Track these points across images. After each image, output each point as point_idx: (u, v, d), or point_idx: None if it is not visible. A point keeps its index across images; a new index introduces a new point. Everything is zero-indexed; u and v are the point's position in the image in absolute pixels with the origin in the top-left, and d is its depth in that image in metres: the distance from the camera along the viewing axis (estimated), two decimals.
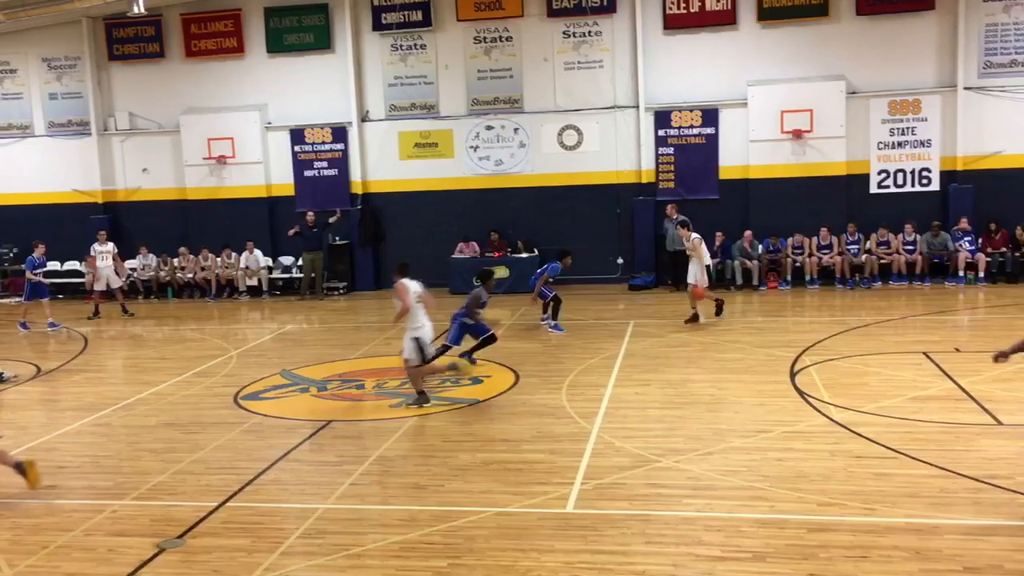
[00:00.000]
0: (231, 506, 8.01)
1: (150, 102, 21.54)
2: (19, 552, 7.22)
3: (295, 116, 20.91)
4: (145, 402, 11.87)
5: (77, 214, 21.45)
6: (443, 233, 20.24)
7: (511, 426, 10.16)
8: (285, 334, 16.70)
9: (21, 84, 21.96)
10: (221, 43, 20.99)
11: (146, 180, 21.67)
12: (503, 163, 20.37)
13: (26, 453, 9.86)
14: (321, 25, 20.54)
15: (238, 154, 20.88)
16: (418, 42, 20.35)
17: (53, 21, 20.42)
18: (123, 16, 19.55)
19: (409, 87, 20.57)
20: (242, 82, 21.03)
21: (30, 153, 21.96)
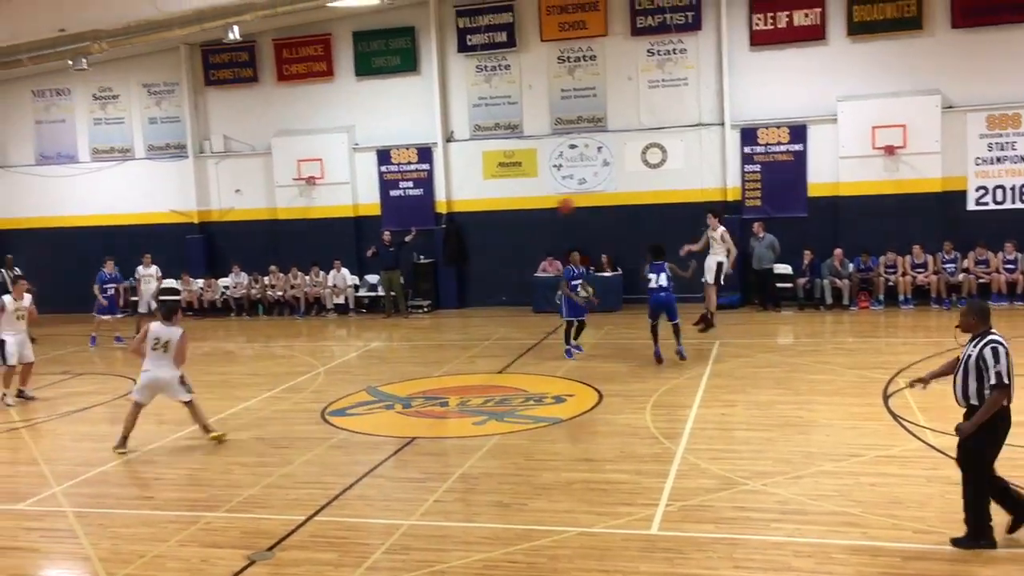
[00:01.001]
0: (318, 520, 8.15)
1: (243, 125, 22.23)
2: (117, 561, 7.47)
3: (382, 137, 21.30)
4: (237, 417, 12.17)
5: (174, 234, 22.22)
6: (526, 252, 20.30)
7: (594, 446, 10.10)
8: (371, 351, 16.95)
9: (123, 109, 22.90)
10: (311, 67, 21.55)
11: (239, 200, 22.32)
12: (586, 182, 20.36)
13: (124, 465, 10.23)
14: (408, 48, 20.92)
15: (326, 175, 21.36)
16: (502, 63, 20.54)
17: (153, 49, 21.26)
18: (219, 43, 20.25)
19: (493, 107, 20.76)
20: (331, 104, 21.54)
21: (131, 175, 22.86)
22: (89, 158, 23.14)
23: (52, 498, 9.20)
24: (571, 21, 19.98)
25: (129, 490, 9.36)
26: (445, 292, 21.21)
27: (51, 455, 10.58)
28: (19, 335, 13.54)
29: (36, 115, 23.34)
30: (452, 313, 20.63)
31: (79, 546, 7.90)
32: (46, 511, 8.87)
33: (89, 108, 23.01)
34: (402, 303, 20.52)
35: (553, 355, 15.19)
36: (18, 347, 13.50)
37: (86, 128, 23.11)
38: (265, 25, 19.49)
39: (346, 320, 20.68)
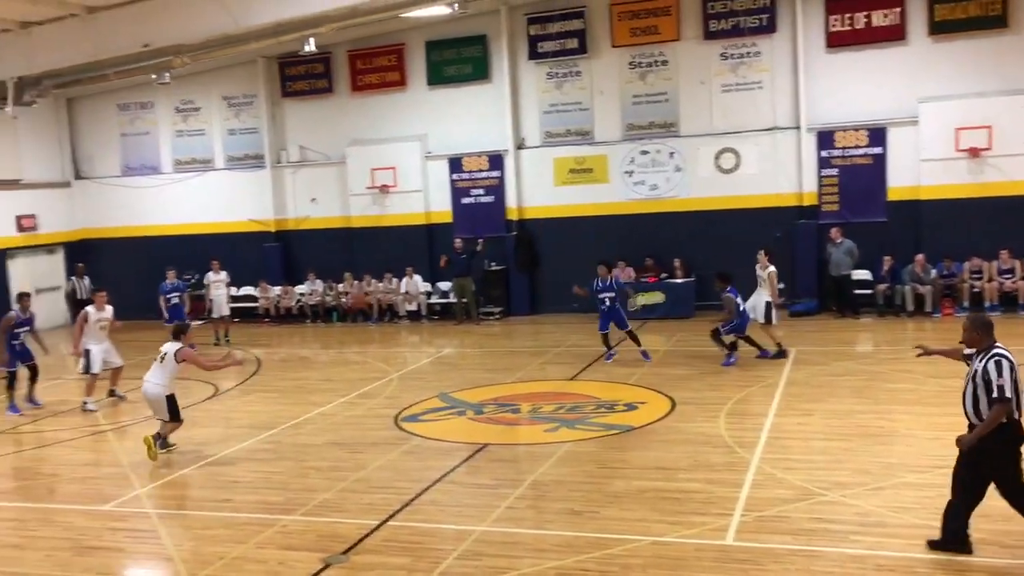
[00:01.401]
0: (392, 525, 8.23)
1: (318, 135, 22.63)
2: (198, 562, 7.65)
3: (453, 145, 21.46)
4: (312, 422, 12.37)
5: (252, 242, 22.73)
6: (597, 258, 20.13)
7: (667, 454, 10.00)
8: (443, 358, 17.07)
9: (204, 121, 23.53)
10: (384, 77, 21.84)
11: (314, 209, 22.71)
12: (658, 187, 20.19)
13: (204, 468, 10.48)
14: (479, 56, 21.05)
15: (399, 183, 21.61)
16: (573, 69, 20.52)
17: (232, 62, 21.79)
18: (295, 55, 20.67)
19: (564, 114, 20.75)
20: (404, 113, 21.79)
21: (210, 185, 23.46)
22: (171, 169, 23.83)
23: (136, 499, 9.48)
24: (643, 26, 19.86)
25: (209, 492, 9.58)
26: (516, 299, 21.24)
27: (135, 458, 10.90)
28: (102, 344, 14.05)
29: (121, 128, 24.13)
30: (523, 320, 20.66)
31: (162, 547, 8.12)
32: (130, 512, 9.14)
33: (172, 120, 23.70)
34: (474, 310, 20.63)
35: (625, 362, 15.09)
36: (103, 356, 13.98)
37: (169, 140, 23.80)
38: (340, 37, 19.81)
39: (418, 327, 20.87)
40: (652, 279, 19.78)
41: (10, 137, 22.10)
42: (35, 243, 23.12)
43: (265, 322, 22.01)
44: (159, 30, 16.98)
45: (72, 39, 17.26)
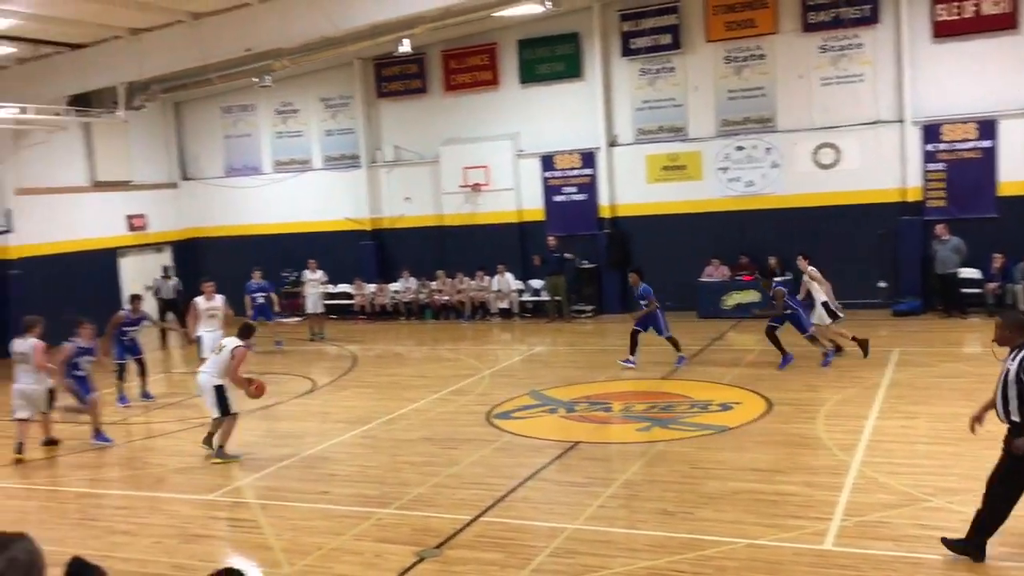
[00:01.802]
0: (484, 520, 8.29)
1: (412, 135, 22.95)
2: (297, 552, 7.86)
3: (546, 143, 21.47)
4: (406, 417, 12.56)
5: (348, 240, 23.19)
6: (690, 256, 19.96)
7: (763, 455, 9.81)
8: (534, 355, 17.10)
9: (302, 123, 24.12)
10: (477, 76, 22.00)
11: (408, 208, 23.04)
12: (754, 184, 19.80)
13: (302, 461, 10.74)
14: (571, 54, 21.01)
15: (492, 181, 21.74)
16: (667, 65, 20.29)
17: (329, 64, 22.26)
18: (391, 56, 21.01)
19: (657, 110, 20.54)
20: (496, 112, 21.91)
21: (308, 185, 24.03)
22: (271, 169, 24.50)
23: (238, 490, 9.79)
24: (739, 20, 19.50)
25: (307, 484, 9.82)
26: (608, 297, 21.14)
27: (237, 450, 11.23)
28: (214, 332, 14.72)
29: (225, 130, 24.92)
30: (615, 318, 20.52)
31: (262, 536, 8.36)
32: (233, 502, 9.44)
33: (272, 122, 24.36)
34: (566, 308, 20.61)
35: (719, 361, 14.87)
36: (213, 343, 14.48)
37: (269, 141, 24.48)
38: (433, 37, 20.05)
39: (510, 324, 20.96)
40: (747, 277, 19.41)
41: (121, 140, 23.06)
42: (144, 242, 24.07)
43: (360, 319, 22.43)
44: (261, 34, 17.45)
45: (179, 45, 17.90)
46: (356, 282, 22.85)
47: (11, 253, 20.29)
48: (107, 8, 16.14)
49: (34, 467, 11.42)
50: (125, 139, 23.14)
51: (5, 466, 11.40)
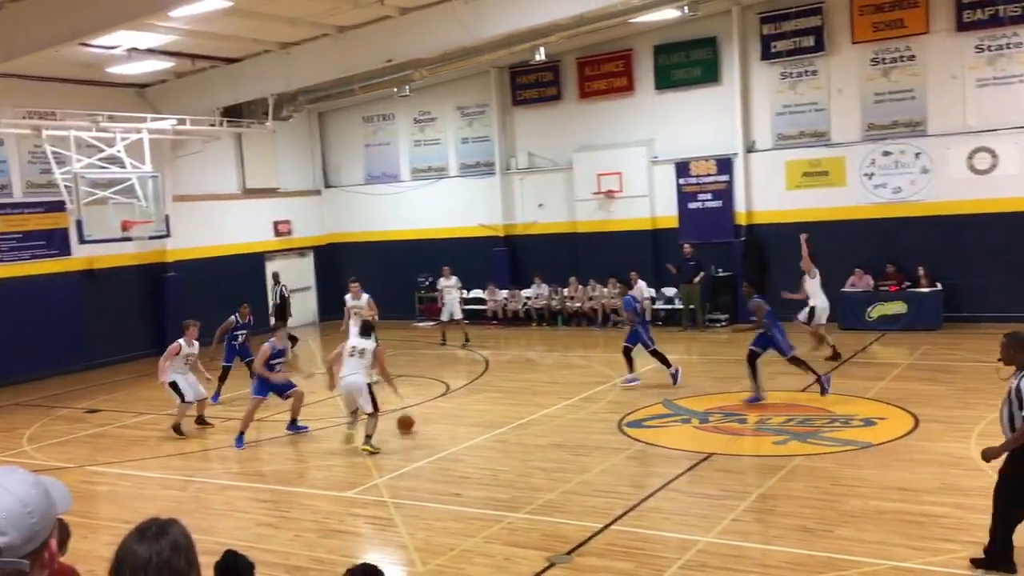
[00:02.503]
0: (615, 529, 8.23)
1: (546, 142, 23.07)
2: (430, 551, 8.00)
3: (680, 149, 21.18)
4: (537, 423, 12.60)
5: (481, 246, 23.51)
6: (832, 265, 19.23)
7: (909, 474, 9.35)
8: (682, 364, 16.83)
9: (439, 131, 24.62)
10: (612, 83, 21.92)
11: (541, 214, 23.16)
12: (902, 190, 18.94)
13: (436, 463, 10.94)
14: (709, 59, 20.66)
15: (625, 188, 21.60)
16: (809, 68, 19.68)
17: (466, 73, 22.65)
18: (526, 64, 21.19)
19: (798, 115, 19.94)
20: (631, 119, 21.76)
21: (444, 192, 24.50)
22: (409, 177, 25.10)
23: (374, 488, 10.05)
24: (887, 20, 18.71)
25: (440, 486, 9.99)
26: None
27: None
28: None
29: (365, 139, 25.70)
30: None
31: (397, 534, 8.56)
32: (370, 500, 9.70)
33: (410, 131, 24.96)
34: (700, 316, 20.25)
35: (863, 374, 14.28)
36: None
37: (407, 149, 25.09)
38: (569, 45, 20.10)
39: None
40: (893, 288, 18.57)
41: (269, 149, 24.14)
42: (289, 247, 25.09)
43: (492, 324, 22.67)
44: (401, 46, 17.92)
45: (325, 57, 18.59)
46: (489, 288, 23.12)
47: (168, 256, 21.54)
48: (259, 24, 16.93)
49: (187, 459, 12.06)
50: (273, 148, 24.20)
51: (161, 457, 12.09)
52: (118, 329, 20.36)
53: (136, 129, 17.97)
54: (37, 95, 17.93)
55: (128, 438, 13.32)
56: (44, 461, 11.93)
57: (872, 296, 18.69)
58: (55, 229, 19.36)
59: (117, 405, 15.74)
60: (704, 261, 20.25)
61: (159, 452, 12.36)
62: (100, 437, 13.51)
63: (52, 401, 16.45)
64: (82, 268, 19.89)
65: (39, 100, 17.79)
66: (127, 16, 13.26)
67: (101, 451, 12.59)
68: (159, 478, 11.13)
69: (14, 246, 18.87)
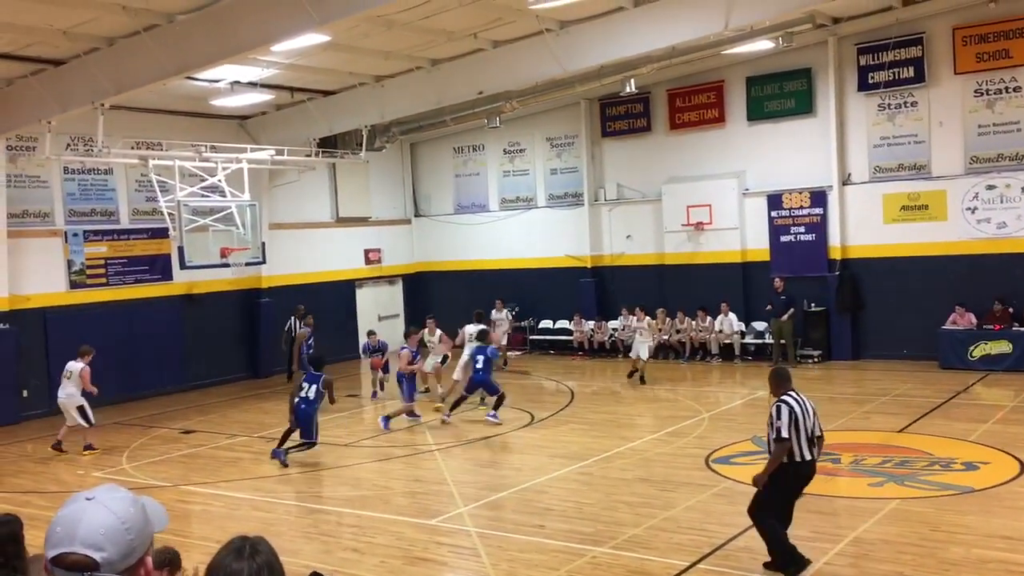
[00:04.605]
0: (701, 568, 8.05)
1: (635, 173, 22.97)
2: None
3: (773, 181, 20.83)
4: (622, 456, 12.45)
5: (569, 277, 23.48)
6: (931, 302, 18.61)
7: (1015, 522, 8.91)
8: (756, 400, 16.47)
9: (528, 162, 24.78)
10: (703, 114, 21.75)
11: (629, 246, 23.04)
12: (1007, 226, 18.21)
13: (520, 493, 10.90)
14: (803, 90, 20.33)
15: (715, 220, 21.33)
16: (908, 99, 19.17)
17: (556, 104, 22.78)
18: (616, 95, 21.20)
19: (896, 147, 19.42)
20: (722, 150, 21.52)
21: (532, 223, 24.60)
22: (498, 207, 25.30)
23: (459, 517, 10.06)
24: (991, 51, 18.13)
25: (524, 517, 9.94)
26: (838, 342, 20.07)
27: (459, 477, 11.58)
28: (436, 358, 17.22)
29: (455, 169, 26.05)
30: (845, 365, 19.45)
31: (480, 564, 8.53)
32: (454, 528, 9.71)
33: (499, 161, 25.20)
34: (792, 351, 19.78)
35: (965, 416, 13.71)
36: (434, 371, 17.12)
37: (496, 179, 25.31)
38: (659, 76, 20.04)
39: (731, 366, 20.36)
40: (998, 327, 17.82)
41: (362, 179, 24.67)
42: (379, 275, 25.53)
43: (579, 355, 22.57)
44: (492, 78, 18.15)
45: (418, 89, 18.95)
46: (575, 318, 23.05)
47: (263, 283, 22.14)
48: (355, 57, 17.38)
49: (277, 482, 12.29)
50: (365, 178, 24.73)
51: (253, 479, 12.35)
52: (214, 352, 20.99)
53: (236, 159, 18.59)
54: (144, 126, 18.78)
55: (221, 459, 13.66)
56: (141, 479, 12.33)
57: (975, 335, 17.97)
58: (158, 255, 20.14)
59: (211, 426, 16.18)
60: (795, 296, 19.82)
61: (251, 473, 12.63)
62: (194, 457, 13.89)
63: (149, 421, 17.01)
64: (182, 292, 20.61)
65: (146, 131, 18.64)
66: (231, 51, 13.76)
67: (195, 471, 12.94)
68: (249, 499, 11.35)
69: (119, 270, 19.69)
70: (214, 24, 13.48)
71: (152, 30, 13.91)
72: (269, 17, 12.88)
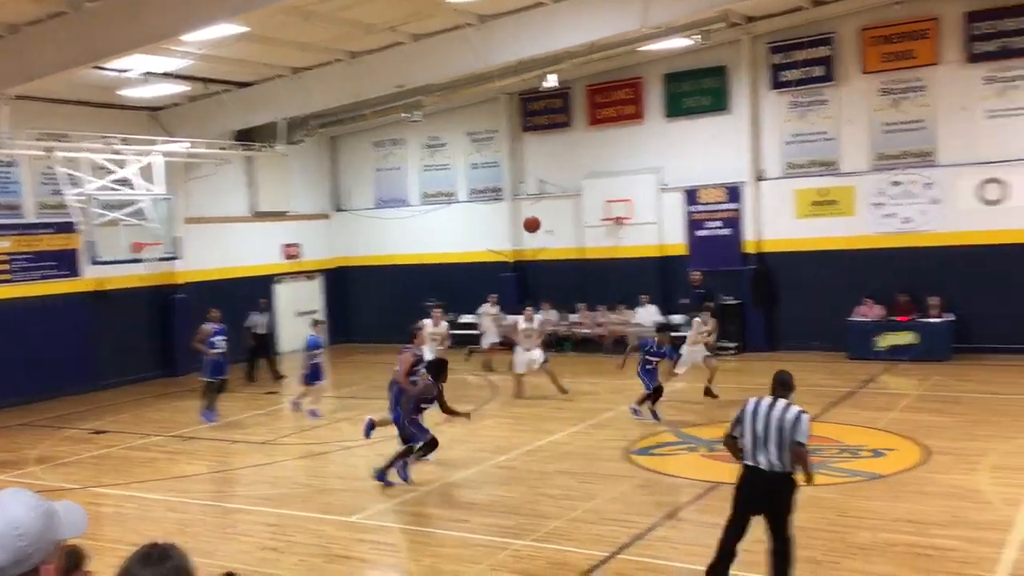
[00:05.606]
0: (621, 558, 8.16)
1: (555, 168, 23.12)
2: None
3: (690, 177, 21.22)
4: (545, 449, 12.54)
5: (489, 272, 23.52)
6: (841, 294, 19.22)
7: (919, 506, 9.27)
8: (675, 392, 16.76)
9: (449, 156, 24.71)
10: (622, 110, 22.01)
11: (550, 240, 23.17)
12: (912, 220, 18.91)
13: (443, 487, 10.88)
14: (718, 87, 20.74)
15: (634, 215, 21.62)
16: (819, 98, 19.73)
17: (476, 99, 22.79)
18: (536, 90, 21.30)
19: (807, 144, 19.98)
20: (640, 146, 21.82)
21: (453, 217, 24.55)
22: (419, 202, 25.17)
23: (380, 513, 10.00)
24: (897, 51, 18.79)
25: (446, 511, 9.94)
26: (753, 334, 20.58)
27: None
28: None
29: (376, 163, 25.81)
30: (760, 356, 19.92)
31: (402, 560, 8.50)
32: (375, 525, 9.65)
33: (420, 156, 25.07)
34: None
35: (871, 405, 14.19)
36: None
37: (417, 174, 25.18)
38: (579, 72, 20.22)
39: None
40: (903, 318, 18.50)
41: (280, 173, 24.25)
42: (297, 270, 25.15)
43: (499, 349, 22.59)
44: (412, 72, 18.06)
45: (337, 82, 18.74)
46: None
47: (178, 278, 21.59)
48: (272, 49, 17.08)
49: (192, 482, 12.02)
50: (284, 172, 24.31)
51: (167, 479, 12.06)
52: (126, 350, 20.40)
53: (149, 152, 18.09)
54: (51, 117, 18.09)
55: (134, 460, 13.31)
56: (50, 482, 11.93)
57: (882, 326, 18.62)
58: (66, 250, 19.45)
59: (124, 426, 15.74)
60: (713, 289, 20.23)
61: (166, 473, 12.34)
62: (106, 458, 13.50)
63: (59, 422, 16.46)
64: (92, 289, 19.95)
65: (53, 122, 17.96)
66: (142, 40, 13.39)
67: (106, 472, 12.58)
68: (164, 500, 11.09)
69: (25, 266, 18.95)
70: (124, 12, 13.10)
71: (59, 17, 13.44)
72: (182, 5, 12.58)
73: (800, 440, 7.07)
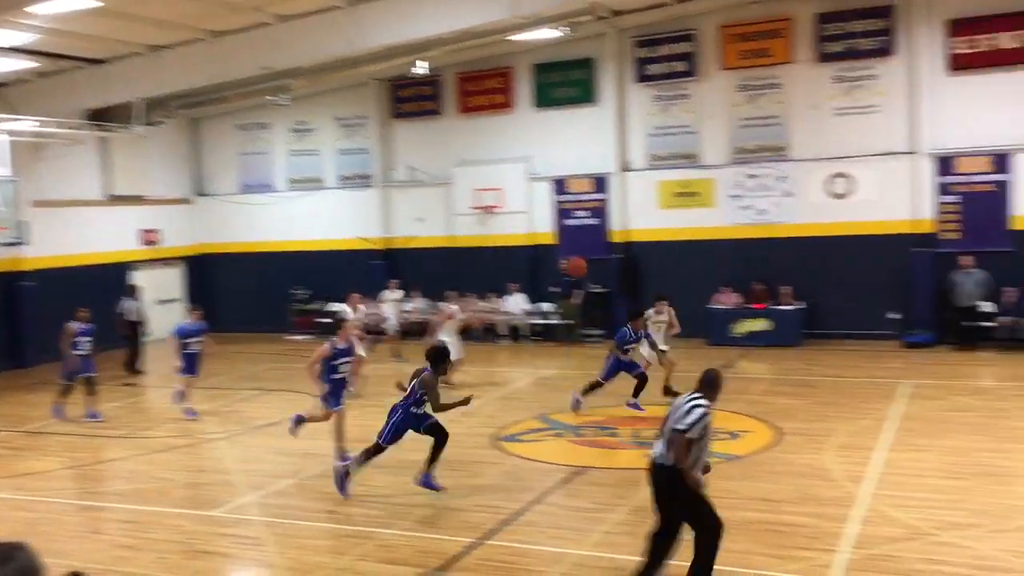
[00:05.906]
0: (489, 544, 8.24)
1: (426, 156, 23.03)
2: (300, 571, 7.82)
3: (558, 167, 21.53)
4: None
5: (359, 259, 23.24)
6: (702, 283, 19.92)
7: (771, 485, 9.73)
8: (544, 379, 17.04)
9: (317, 142, 24.24)
10: (492, 99, 22.10)
11: (420, 228, 23.08)
12: (767, 212, 19.78)
13: (308, 479, 10.70)
14: (586, 79, 21.10)
15: (504, 204, 21.77)
16: (681, 92, 20.35)
17: (345, 84, 22.43)
18: (406, 77, 21.13)
19: (671, 137, 20.59)
20: (510, 135, 21.98)
21: (321, 204, 24.11)
22: (285, 187, 24.60)
23: (243, 507, 9.75)
24: (754, 49, 19.57)
25: (312, 503, 9.78)
26: (619, 321, 21.01)
27: (244, 466, 11.21)
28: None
29: (240, 147, 25.07)
30: None
31: (266, 554, 8.32)
32: (237, 518, 9.40)
33: (287, 140, 24.50)
34: (574, 331, 20.56)
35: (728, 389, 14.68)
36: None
37: (284, 159, 24.60)
38: (449, 59, 20.18)
39: (519, 347, 20.90)
40: (758, 306, 19.35)
41: (138, 155, 23.22)
42: (156, 257, 24.17)
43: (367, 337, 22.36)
44: (278, 53, 17.60)
45: (197, 62, 18.06)
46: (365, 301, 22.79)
47: (26, 265, 20.39)
48: (126, 24, 16.31)
49: (42, 479, 11.41)
50: (142, 154, 23.29)
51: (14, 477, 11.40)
52: None
53: None
54: None
55: None
56: None
57: (738, 313, 19.41)
58: None
59: None
60: (582, 278, 20.58)
61: (11, 471, 11.66)
62: None
63: None
64: None
65: None
66: None
67: None
68: (10, 499, 10.48)
69: None
70: None
71: None
72: None
73: (677, 428, 6.76)
